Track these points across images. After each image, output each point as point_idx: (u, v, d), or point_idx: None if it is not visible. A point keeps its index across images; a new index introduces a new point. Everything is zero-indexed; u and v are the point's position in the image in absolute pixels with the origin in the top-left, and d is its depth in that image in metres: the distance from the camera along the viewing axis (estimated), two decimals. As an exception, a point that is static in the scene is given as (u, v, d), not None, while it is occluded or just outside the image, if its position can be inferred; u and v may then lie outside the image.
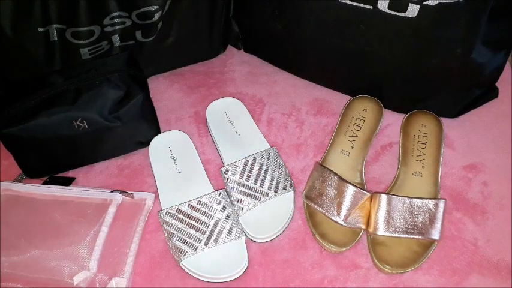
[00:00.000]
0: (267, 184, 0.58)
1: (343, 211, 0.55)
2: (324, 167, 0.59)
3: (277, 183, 0.59)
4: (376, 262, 0.53)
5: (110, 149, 0.64)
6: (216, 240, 0.53)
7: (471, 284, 0.53)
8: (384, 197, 0.55)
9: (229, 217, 0.55)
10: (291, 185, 0.60)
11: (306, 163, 0.65)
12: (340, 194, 0.56)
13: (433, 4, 0.54)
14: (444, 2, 0.53)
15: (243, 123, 0.67)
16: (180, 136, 0.66)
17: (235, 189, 0.58)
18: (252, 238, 0.56)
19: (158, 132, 0.66)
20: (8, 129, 0.55)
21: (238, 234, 0.54)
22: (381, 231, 0.54)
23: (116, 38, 0.65)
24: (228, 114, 0.68)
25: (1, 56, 0.61)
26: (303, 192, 0.60)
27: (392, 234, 0.54)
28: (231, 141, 0.65)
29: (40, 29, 0.59)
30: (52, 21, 0.59)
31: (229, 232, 0.54)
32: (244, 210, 0.57)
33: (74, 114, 0.57)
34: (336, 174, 0.57)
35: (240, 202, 0.57)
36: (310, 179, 0.60)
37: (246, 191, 0.58)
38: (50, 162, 0.61)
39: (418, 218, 0.54)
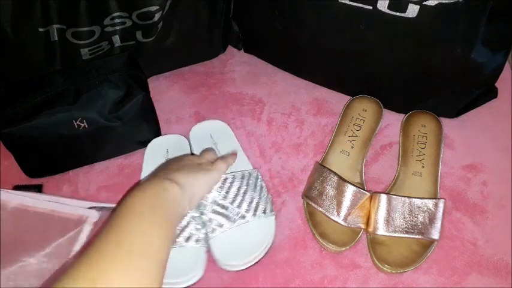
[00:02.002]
0: (244, 206, 0.54)
1: (343, 211, 0.55)
2: (324, 166, 0.59)
3: (257, 205, 0.55)
4: (376, 262, 0.53)
5: (110, 148, 0.64)
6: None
7: (470, 284, 0.53)
8: (383, 196, 0.55)
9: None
10: (271, 210, 0.56)
11: (306, 163, 0.65)
12: (340, 194, 0.56)
13: (433, 4, 0.54)
14: (444, 2, 0.53)
15: (227, 145, 0.64)
16: (177, 139, 0.65)
17: (208, 207, 0.54)
18: (221, 265, 0.52)
19: (158, 132, 0.66)
20: (8, 129, 0.55)
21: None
22: (381, 231, 0.54)
23: (116, 38, 0.65)
24: (213, 136, 0.65)
25: (1, 56, 0.61)
26: (303, 192, 0.60)
27: (392, 234, 0.54)
28: None
29: (40, 29, 0.59)
30: (52, 22, 0.59)
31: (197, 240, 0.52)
32: (216, 232, 0.53)
33: (74, 114, 0.57)
34: (335, 174, 0.57)
35: (213, 222, 0.53)
36: (310, 179, 0.60)
37: (221, 210, 0.53)
38: (50, 162, 0.62)
39: (417, 217, 0.54)
